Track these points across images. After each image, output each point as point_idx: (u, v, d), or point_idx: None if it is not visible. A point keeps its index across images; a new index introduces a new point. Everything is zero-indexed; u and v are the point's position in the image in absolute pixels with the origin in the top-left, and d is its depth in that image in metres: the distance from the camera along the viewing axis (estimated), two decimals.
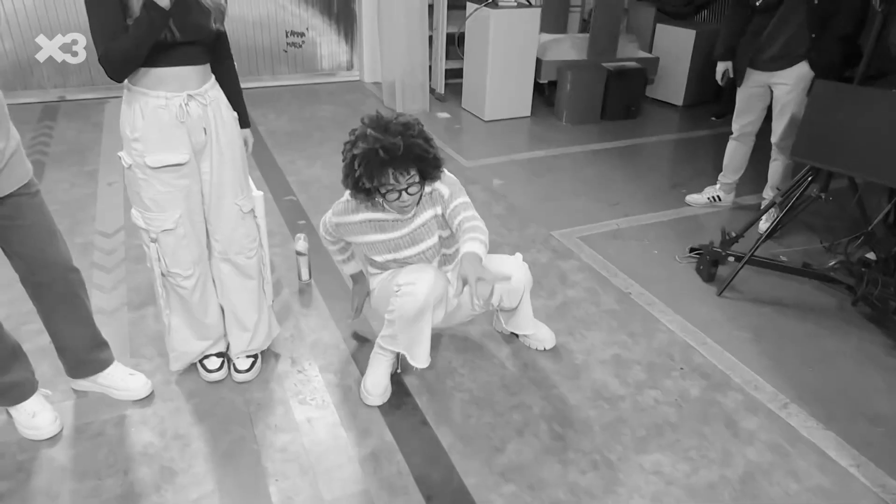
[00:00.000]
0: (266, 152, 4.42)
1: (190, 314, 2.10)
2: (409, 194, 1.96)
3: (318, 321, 2.61)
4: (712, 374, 2.38)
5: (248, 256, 2.09)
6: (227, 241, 2.04)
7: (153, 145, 1.81)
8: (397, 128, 1.89)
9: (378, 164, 1.87)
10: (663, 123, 5.40)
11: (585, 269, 3.06)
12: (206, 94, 1.85)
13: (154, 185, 1.85)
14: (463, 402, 2.20)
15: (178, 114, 1.80)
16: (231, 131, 1.94)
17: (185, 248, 1.96)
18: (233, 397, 2.19)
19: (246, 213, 2.04)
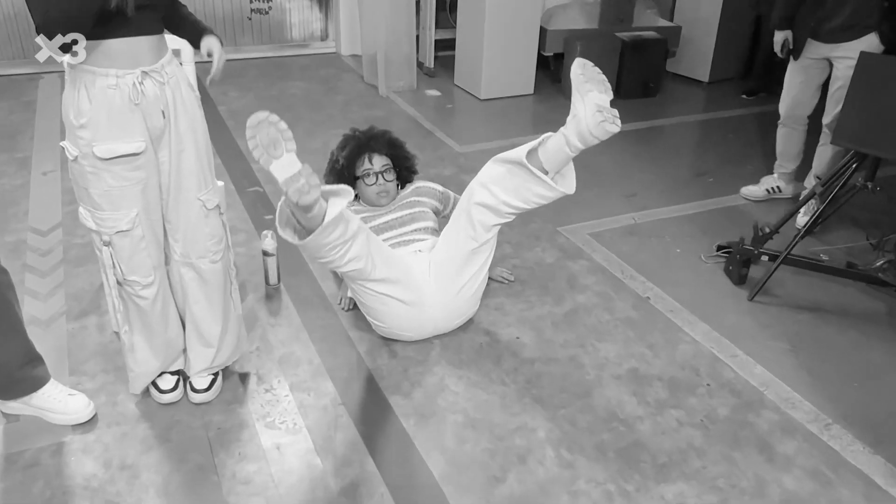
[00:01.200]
0: (227, 136, 4.40)
1: (150, 329, 2.09)
2: (386, 179, 2.62)
3: (289, 332, 2.60)
4: (743, 392, 2.39)
5: (212, 260, 2.07)
6: (189, 243, 2.02)
7: (103, 133, 1.79)
8: (375, 129, 2.68)
9: (355, 144, 2.60)
10: (686, 102, 5.41)
11: (597, 270, 3.07)
12: (162, 70, 1.83)
13: (105, 179, 1.83)
14: (457, 425, 2.20)
15: (132, 94, 1.78)
16: (193, 113, 1.93)
17: (143, 251, 1.95)
18: (189, 421, 2.18)
19: (210, 209, 2.02)
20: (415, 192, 2.74)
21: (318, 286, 2.88)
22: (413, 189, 2.76)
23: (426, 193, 2.76)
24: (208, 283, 2.10)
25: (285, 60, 6.11)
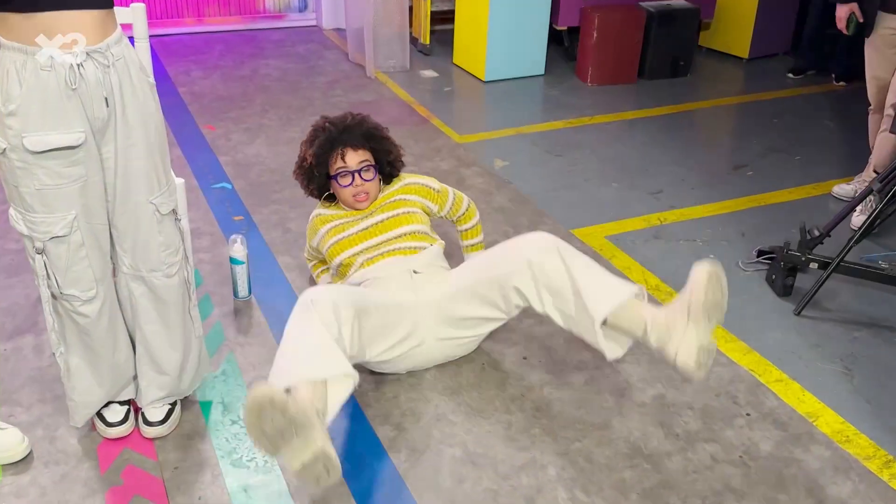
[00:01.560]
0: (189, 123, 4.39)
1: (93, 351, 2.07)
2: (364, 179, 2.52)
3: (261, 352, 2.58)
4: (790, 423, 2.37)
5: (167, 274, 2.06)
6: (140, 254, 2.01)
7: (35, 122, 1.77)
8: (349, 116, 2.59)
9: (326, 138, 2.51)
10: (722, 83, 5.41)
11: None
12: (108, 50, 1.81)
13: (38, 175, 1.81)
14: (454, 461, 2.18)
15: (69, 78, 1.76)
16: (145, 102, 1.91)
17: (83, 261, 1.93)
18: (142, 459, 2.16)
19: (165, 214, 2.01)
20: (402, 190, 2.65)
21: (295, 299, 2.85)
22: (400, 186, 2.67)
23: (415, 191, 2.66)
24: (162, 300, 2.07)
25: (257, 35, 6.11)
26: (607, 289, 2.16)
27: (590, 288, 2.15)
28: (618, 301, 2.11)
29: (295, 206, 3.52)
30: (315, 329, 2.04)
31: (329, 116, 2.59)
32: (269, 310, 2.80)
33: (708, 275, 1.97)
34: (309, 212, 3.46)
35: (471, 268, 2.44)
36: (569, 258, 2.21)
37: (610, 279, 2.20)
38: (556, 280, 2.20)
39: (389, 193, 2.63)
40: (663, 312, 2.07)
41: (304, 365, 1.97)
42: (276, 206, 3.52)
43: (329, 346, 2.02)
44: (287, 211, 3.48)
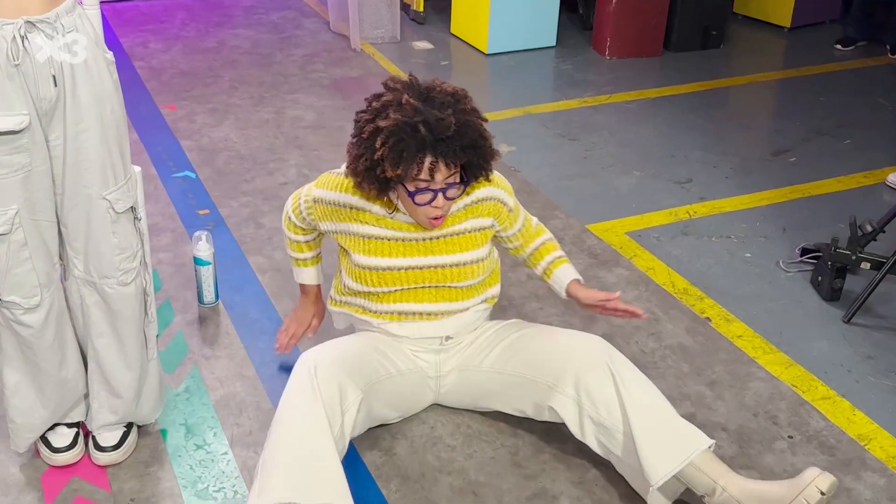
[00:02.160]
0: (147, 103, 4.39)
1: (36, 367, 2.07)
2: (447, 198, 2.05)
3: (229, 366, 2.59)
4: (838, 446, 2.37)
5: (121, 282, 2.05)
6: (91, 257, 2.01)
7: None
8: (444, 98, 2.01)
9: (415, 145, 1.95)
10: (760, 55, 5.41)
11: (640, 281, 3.06)
12: (57, 21, 1.81)
13: None
14: (453, 492, 2.18)
15: (11, 52, 1.76)
16: (100, 83, 1.90)
17: (25, 262, 1.93)
18: (93, 490, 2.15)
19: (121, 212, 2.01)
20: (473, 208, 2.23)
21: (268, 305, 2.87)
22: (474, 199, 2.22)
23: (490, 211, 2.25)
24: (115, 312, 2.07)
25: (225, 1, 6.10)
26: (669, 441, 2.02)
27: (646, 436, 2.02)
28: (683, 459, 1.99)
29: (269, 199, 3.52)
30: (321, 434, 1.95)
31: (418, 103, 1.99)
32: (239, 317, 2.80)
33: (824, 492, 1.89)
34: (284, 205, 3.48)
35: (509, 355, 2.27)
36: (622, 383, 2.08)
37: (673, 423, 2.07)
38: (606, 415, 2.09)
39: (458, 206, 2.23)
40: (743, 487, 1.97)
41: (301, 486, 1.89)
42: (246, 199, 3.53)
43: (334, 468, 1.94)
44: (259, 204, 3.49)
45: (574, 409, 2.15)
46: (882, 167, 3.94)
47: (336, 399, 2.03)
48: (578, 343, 2.23)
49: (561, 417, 2.18)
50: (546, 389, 2.19)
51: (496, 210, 2.26)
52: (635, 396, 2.08)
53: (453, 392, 2.37)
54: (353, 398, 2.08)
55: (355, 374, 2.11)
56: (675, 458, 2.00)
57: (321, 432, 1.96)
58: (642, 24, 5.21)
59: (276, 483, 1.89)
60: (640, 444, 2.01)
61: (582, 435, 2.16)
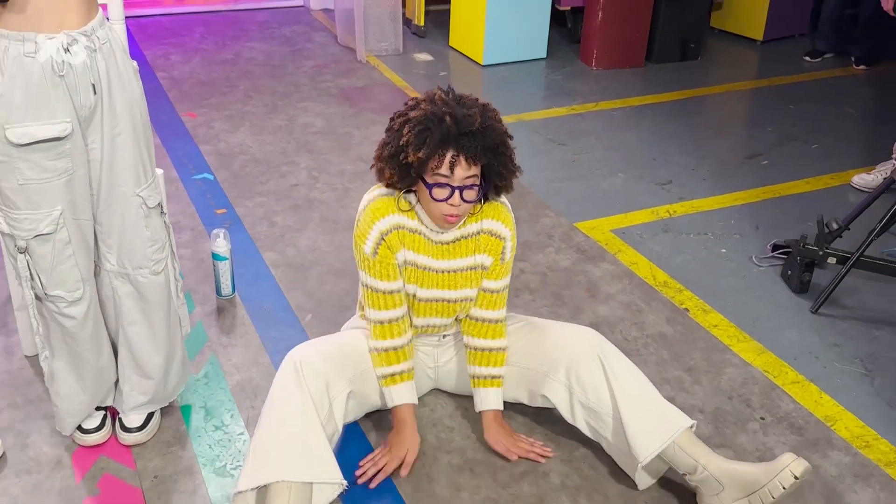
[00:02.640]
0: (168, 111, 4.39)
1: (78, 356, 2.07)
2: (464, 200, 1.98)
3: (246, 354, 2.58)
4: (806, 427, 2.37)
5: (153, 271, 2.06)
6: (125, 250, 2.01)
7: (18, 112, 1.76)
8: (474, 103, 1.98)
9: (440, 134, 1.90)
10: (735, 67, 5.40)
11: (623, 275, 3.06)
12: (93, 33, 1.81)
13: (21, 169, 1.80)
14: (451, 469, 2.18)
15: (56, 64, 1.76)
16: (131, 88, 1.91)
17: (69, 259, 1.93)
18: (119, 468, 2.16)
19: (152, 207, 2.01)
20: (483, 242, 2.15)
21: (281, 297, 2.87)
22: (484, 228, 2.14)
23: (494, 247, 2.15)
24: (147, 300, 2.08)
25: (240, 16, 6.09)
26: (655, 422, 2.02)
27: (633, 418, 2.02)
28: (667, 438, 2.00)
29: (281, 199, 3.52)
30: (308, 418, 1.95)
31: (450, 98, 1.98)
32: (254, 309, 2.80)
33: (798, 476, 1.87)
34: (296, 205, 3.48)
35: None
36: (611, 370, 2.08)
37: (658, 405, 2.07)
38: (595, 400, 2.09)
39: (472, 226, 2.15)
40: (721, 467, 1.97)
41: (291, 464, 1.89)
42: (261, 199, 3.52)
43: (322, 448, 1.93)
44: (273, 204, 3.48)
45: (565, 395, 2.15)
46: (847, 170, 3.93)
47: (322, 389, 2.02)
48: (571, 334, 2.22)
49: (553, 403, 2.18)
50: (540, 377, 2.19)
51: (496, 250, 2.15)
52: (623, 382, 2.08)
53: (451, 380, 2.37)
54: (339, 388, 2.07)
55: (339, 366, 2.10)
56: (660, 438, 2.00)
57: (308, 417, 1.96)
58: (626, 37, 5.21)
59: (269, 464, 1.89)
60: (628, 426, 2.02)
61: (573, 419, 2.16)
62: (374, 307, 2.15)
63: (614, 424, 2.07)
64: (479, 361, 2.21)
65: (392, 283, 2.11)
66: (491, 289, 2.19)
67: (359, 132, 4.17)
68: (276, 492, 1.87)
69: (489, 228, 2.14)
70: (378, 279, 2.11)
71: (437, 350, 2.32)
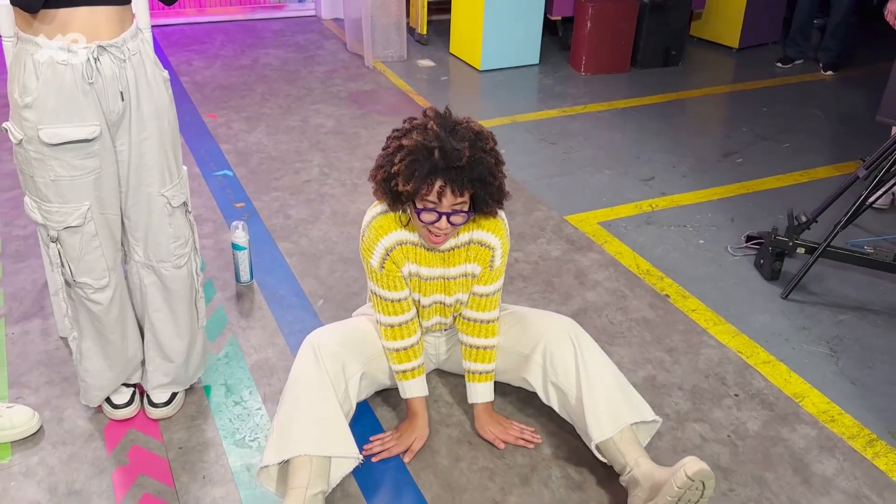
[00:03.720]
0: (191, 112, 4.37)
1: (104, 337, 2.08)
2: (451, 223, 1.95)
3: (263, 336, 2.58)
4: (777, 403, 2.38)
5: (176, 265, 2.06)
6: (151, 245, 2.01)
7: (51, 115, 1.76)
8: (466, 133, 1.91)
9: (428, 167, 1.87)
10: (713, 72, 5.39)
11: (609, 264, 3.06)
12: (124, 45, 1.80)
13: (53, 167, 1.81)
14: (451, 441, 2.19)
15: (86, 72, 1.75)
16: (159, 97, 1.90)
17: (96, 250, 1.93)
18: (147, 440, 2.16)
19: (176, 207, 2.01)
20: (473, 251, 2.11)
21: (295, 284, 2.87)
22: (475, 238, 2.10)
23: (483, 257, 2.11)
24: (170, 290, 2.08)
25: (257, 25, 6.07)
26: (612, 410, 1.99)
27: (592, 402, 2.00)
28: (616, 430, 1.97)
29: (295, 193, 3.51)
30: (326, 397, 1.96)
31: (442, 128, 1.91)
32: (271, 294, 2.80)
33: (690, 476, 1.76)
34: (309, 199, 3.48)
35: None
36: (581, 355, 2.06)
37: (620, 396, 2.03)
38: (564, 381, 2.07)
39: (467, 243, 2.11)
40: (644, 469, 1.91)
41: (313, 440, 1.89)
42: (276, 194, 3.52)
43: (340, 424, 1.94)
44: (287, 198, 3.48)
45: (540, 376, 2.14)
46: (815, 167, 3.93)
47: (339, 370, 2.03)
48: (550, 320, 2.20)
49: (531, 384, 2.17)
50: (521, 360, 2.18)
51: (485, 259, 2.11)
52: (590, 367, 2.05)
53: (452, 363, 2.37)
54: (353, 369, 2.07)
55: (354, 350, 2.10)
56: (614, 426, 1.97)
57: (327, 396, 1.96)
58: (612, 44, 5.19)
59: (292, 440, 1.89)
60: (587, 408, 2.00)
61: (547, 399, 2.15)
62: (384, 313, 2.13)
63: (576, 405, 2.05)
64: (472, 357, 2.19)
65: (399, 292, 2.10)
66: (482, 293, 2.14)
67: (366, 132, 4.16)
68: (298, 465, 1.87)
69: (479, 239, 2.09)
70: (386, 290, 2.09)
71: (439, 340, 2.33)
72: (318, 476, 1.87)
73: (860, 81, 5.26)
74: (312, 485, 1.85)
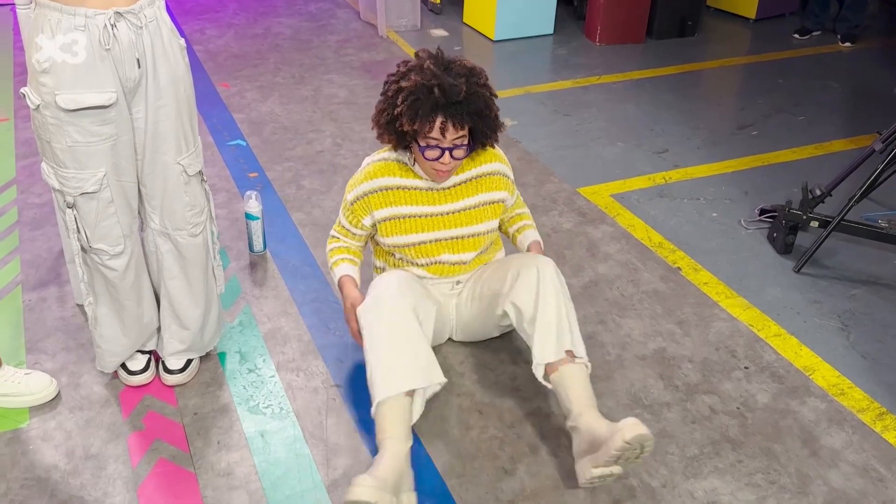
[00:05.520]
0: (204, 81, 4.36)
1: (119, 304, 2.10)
2: (453, 157, 2.06)
3: (276, 304, 2.60)
4: (787, 376, 2.38)
5: (191, 234, 2.07)
6: (167, 213, 2.02)
7: (68, 80, 1.77)
8: (461, 70, 2.03)
9: (429, 105, 1.97)
10: (729, 43, 5.32)
11: (621, 237, 3.05)
12: (140, 12, 1.80)
13: (70, 133, 1.81)
14: (462, 410, 2.20)
15: (102, 39, 1.75)
16: (175, 65, 1.90)
17: (111, 217, 1.94)
18: (163, 405, 2.19)
19: (192, 175, 2.02)
20: (484, 181, 2.22)
21: (308, 254, 2.88)
22: (484, 171, 2.22)
23: (500, 185, 2.25)
24: (186, 258, 2.09)
25: None
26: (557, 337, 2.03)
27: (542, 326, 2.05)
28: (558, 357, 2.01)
29: (308, 164, 3.51)
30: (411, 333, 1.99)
31: (438, 66, 2.02)
32: (283, 264, 2.82)
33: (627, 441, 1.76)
34: (322, 170, 3.48)
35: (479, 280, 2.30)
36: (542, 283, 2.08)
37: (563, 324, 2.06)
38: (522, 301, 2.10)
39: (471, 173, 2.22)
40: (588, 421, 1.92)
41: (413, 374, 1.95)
42: (289, 164, 3.52)
43: (430, 355, 2.00)
44: (300, 168, 3.48)
45: (511, 308, 2.13)
46: (830, 140, 3.89)
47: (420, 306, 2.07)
48: (525, 257, 2.21)
49: (511, 317, 2.15)
50: (501, 299, 2.18)
51: (504, 184, 2.26)
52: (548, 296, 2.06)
53: (458, 328, 2.39)
54: (429, 306, 2.11)
55: (420, 294, 2.12)
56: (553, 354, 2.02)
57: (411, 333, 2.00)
58: (628, 14, 5.12)
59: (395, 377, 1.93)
60: (536, 331, 2.04)
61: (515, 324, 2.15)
62: (335, 230, 2.30)
63: (528, 327, 2.08)
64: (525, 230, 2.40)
65: (353, 227, 2.24)
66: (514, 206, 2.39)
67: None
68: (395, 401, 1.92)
69: (490, 171, 2.23)
70: (346, 219, 2.24)
71: (452, 300, 2.33)
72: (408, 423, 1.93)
73: (878, 54, 5.18)
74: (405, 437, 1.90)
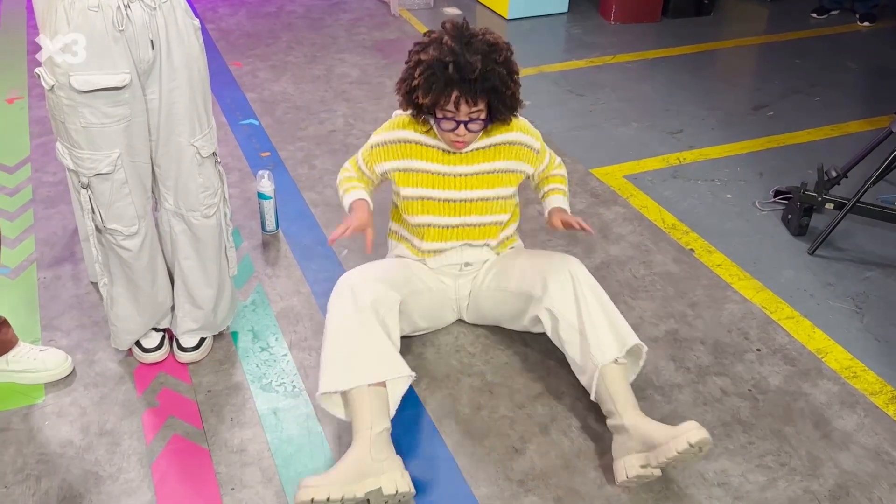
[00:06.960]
0: (217, 60, 4.36)
1: (134, 283, 2.11)
2: (469, 130, 2.09)
3: (288, 284, 2.61)
4: (799, 358, 2.37)
5: (205, 215, 2.08)
6: (181, 194, 2.03)
7: (82, 61, 1.77)
8: (481, 46, 2.02)
9: (443, 80, 2.00)
10: (746, 22, 5.27)
11: (634, 218, 3.04)
12: None
13: (84, 114, 1.82)
14: (473, 390, 2.21)
15: (116, 19, 1.75)
16: (189, 46, 1.90)
17: (125, 197, 1.96)
18: (177, 383, 2.21)
19: (206, 157, 2.02)
20: (503, 150, 2.23)
21: (320, 233, 2.88)
22: (505, 139, 2.22)
23: (520, 155, 2.25)
24: (199, 239, 2.10)
25: None
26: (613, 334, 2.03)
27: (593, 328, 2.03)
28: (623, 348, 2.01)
29: (320, 143, 3.51)
30: (370, 327, 1.99)
31: (457, 41, 2.01)
32: (296, 243, 2.82)
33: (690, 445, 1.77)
34: (334, 149, 3.48)
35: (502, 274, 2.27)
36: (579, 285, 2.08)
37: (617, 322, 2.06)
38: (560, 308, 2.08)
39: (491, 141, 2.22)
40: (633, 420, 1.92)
41: (363, 370, 1.93)
42: (301, 143, 3.52)
43: (387, 347, 1.98)
44: (313, 148, 3.48)
45: (547, 315, 2.12)
46: (847, 121, 3.85)
47: (380, 299, 2.05)
48: (552, 258, 2.21)
49: (542, 321, 2.15)
50: (527, 299, 2.18)
51: (525, 154, 2.25)
52: (588, 296, 2.06)
53: (471, 312, 2.39)
54: (392, 300, 2.09)
55: (389, 284, 2.12)
56: (617, 348, 2.00)
57: (371, 326, 1.99)
58: None
59: (348, 372, 1.93)
60: (589, 334, 2.02)
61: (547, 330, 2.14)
62: (349, 164, 2.31)
63: (569, 330, 2.07)
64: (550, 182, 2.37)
65: (366, 168, 2.25)
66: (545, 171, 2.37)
67: (391, 82, 4.12)
68: (356, 399, 1.90)
69: (511, 140, 2.23)
70: (363, 158, 2.27)
71: (458, 283, 2.33)
72: (379, 411, 1.90)
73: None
74: (375, 423, 1.88)
